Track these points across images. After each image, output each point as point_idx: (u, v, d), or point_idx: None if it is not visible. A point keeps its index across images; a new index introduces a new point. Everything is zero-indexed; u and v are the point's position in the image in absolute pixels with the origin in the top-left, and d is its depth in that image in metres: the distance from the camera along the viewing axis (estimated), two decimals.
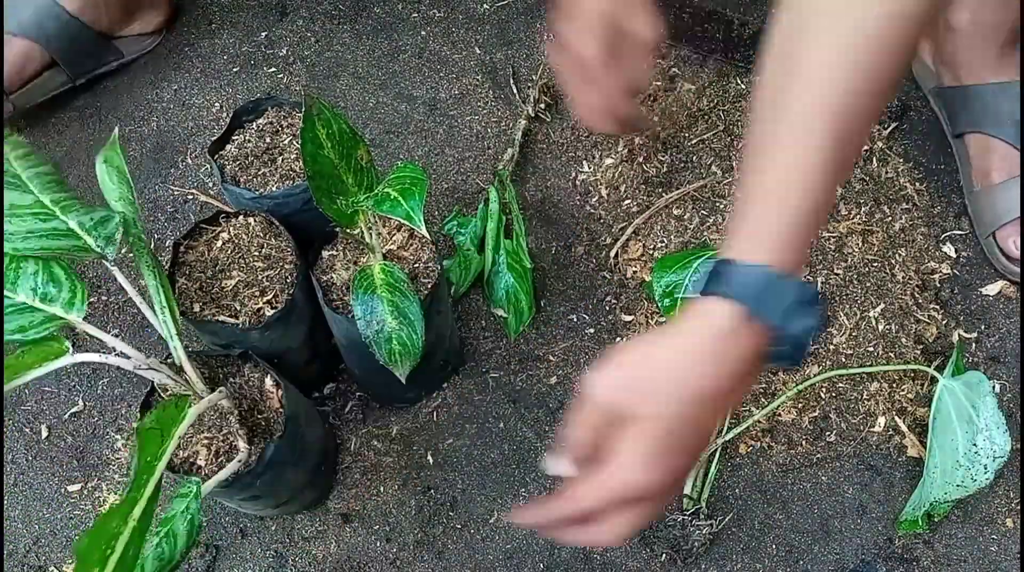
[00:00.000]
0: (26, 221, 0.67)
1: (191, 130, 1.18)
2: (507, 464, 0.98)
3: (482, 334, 1.04)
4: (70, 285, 0.68)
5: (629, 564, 0.93)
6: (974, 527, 0.94)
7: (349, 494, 0.97)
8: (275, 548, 0.95)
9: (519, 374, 1.02)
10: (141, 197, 1.14)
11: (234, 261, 0.85)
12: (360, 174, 0.72)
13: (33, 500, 0.98)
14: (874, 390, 0.98)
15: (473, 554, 0.94)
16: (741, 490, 0.96)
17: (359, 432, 1.00)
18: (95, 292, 1.08)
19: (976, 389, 0.88)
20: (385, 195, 0.66)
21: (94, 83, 1.22)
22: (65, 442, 1.01)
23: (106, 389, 1.03)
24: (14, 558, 0.96)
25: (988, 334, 1.02)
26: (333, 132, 0.69)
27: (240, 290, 0.84)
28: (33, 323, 0.66)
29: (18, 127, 1.19)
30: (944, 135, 1.12)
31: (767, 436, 0.98)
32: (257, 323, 0.82)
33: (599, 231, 1.08)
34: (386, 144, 1.16)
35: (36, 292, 0.67)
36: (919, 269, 1.04)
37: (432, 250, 0.84)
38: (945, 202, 1.09)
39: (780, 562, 0.93)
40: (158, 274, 0.71)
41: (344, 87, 1.20)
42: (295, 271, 0.84)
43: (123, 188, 0.73)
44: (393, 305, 0.75)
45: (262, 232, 0.87)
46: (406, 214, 0.65)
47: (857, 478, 0.96)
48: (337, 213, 0.71)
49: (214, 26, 1.26)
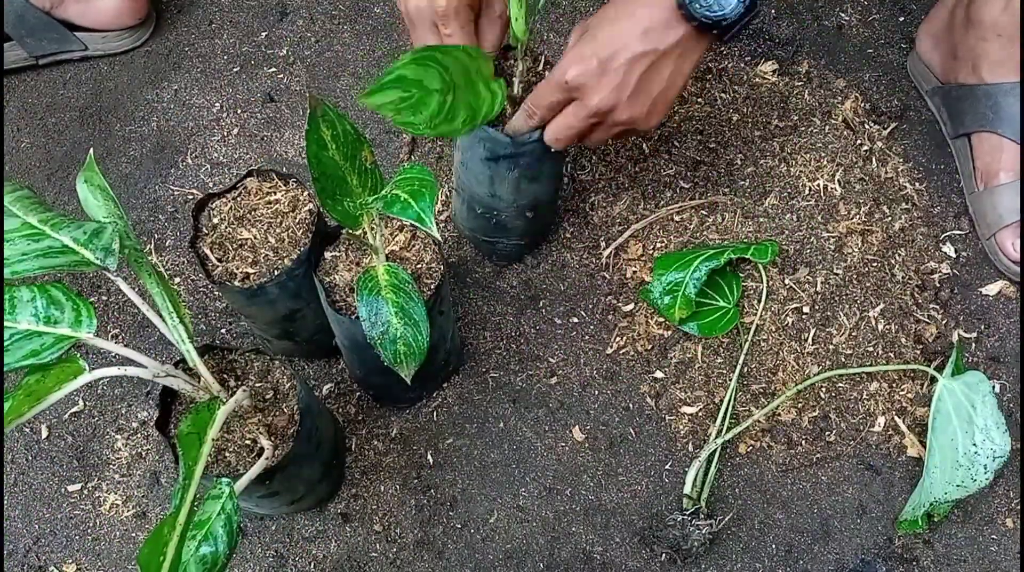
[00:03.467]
0: (17, 244, 0.66)
1: (191, 130, 1.18)
2: (507, 464, 0.98)
3: (482, 334, 1.04)
4: (72, 305, 0.68)
5: (629, 564, 0.93)
6: (974, 527, 0.94)
7: (349, 494, 0.97)
8: (275, 548, 0.95)
9: (519, 374, 1.02)
10: (141, 197, 1.14)
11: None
12: (365, 175, 0.72)
13: (33, 500, 0.98)
14: (874, 390, 0.99)
15: (473, 554, 0.94)
16: (741, 490, 0.96)
17: (359, 432, 1.00)
18: (95, 292, 1.08)
19: (976, 389, 0.88)
20: (395, 197, 0.66)
21: (94, 83, 1.22)
22: (65, 442, 1.01)
23: (106, 389, 1.03)
24: (14, 558, 0.96)
25: (988, 334, 1.03)
26: (338, 133, 0.69)
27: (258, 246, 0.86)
28: (44, 346, 0.66)
29: (18, 127, 1.19)
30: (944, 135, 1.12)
31: (767, 436, 0.98)
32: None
33: (599, 231, 1.08)
34: (386, 144, 1.16)
35: (39, 317, 0.67)
36: (919, 269, 1.05)
37: (435, 251, 0.84)
38: (945, 202, 1.10)
39: (780, 562, 0.93)
40: (161, 282, 0.71)
41: (344, 87, 1.20)
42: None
43: (109, 205, 0.72)
44: (398, 306, 0.75)
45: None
46: (417, 216, 0.65)
47: (857, 478, 0.96)
48: (342, 215, 0.71)
49: (214, 26, 1.26)
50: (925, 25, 1.14)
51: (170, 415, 0.80)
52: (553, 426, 1.00)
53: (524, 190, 0.92)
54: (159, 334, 1.04)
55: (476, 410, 1.01)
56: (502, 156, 0.87)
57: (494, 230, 1.00)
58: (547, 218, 1.05)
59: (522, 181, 0.90)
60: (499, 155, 0.87)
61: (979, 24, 1.01)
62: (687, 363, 1.00)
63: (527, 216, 0.97)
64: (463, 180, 0.95)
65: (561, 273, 1.07)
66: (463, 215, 1.02)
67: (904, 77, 1.18)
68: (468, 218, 1.01)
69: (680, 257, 1.00)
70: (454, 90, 0.75)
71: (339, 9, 1.26)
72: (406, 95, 0.72)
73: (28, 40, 1.19)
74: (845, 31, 1.21)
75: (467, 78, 0.77)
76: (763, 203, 1.07)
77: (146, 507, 0.97)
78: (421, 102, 0.73)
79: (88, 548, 0.96)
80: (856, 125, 1.12)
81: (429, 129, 0.74)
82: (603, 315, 1.04)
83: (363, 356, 0.89)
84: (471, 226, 1.02)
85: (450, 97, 0.75)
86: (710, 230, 1.05)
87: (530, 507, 0.96)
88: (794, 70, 1.17)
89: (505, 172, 0.89)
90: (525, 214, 0.96)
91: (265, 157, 1.16)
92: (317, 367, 1.04)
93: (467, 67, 0.77)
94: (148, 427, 1.01)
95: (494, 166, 0.88)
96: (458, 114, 0.75)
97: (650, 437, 0.99)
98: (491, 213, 0.96)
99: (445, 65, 0.75)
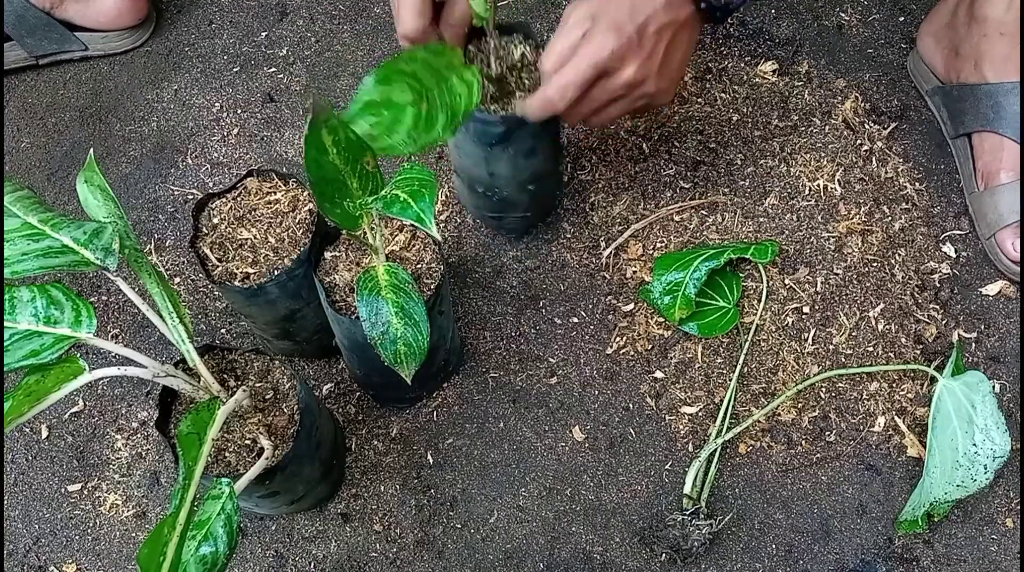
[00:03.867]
0: (17, 244, 0.66)
1: (191, 130, 1.18)
2: (507, 464, 0.98)
3: (482, 334, 1.04)
4: (72, 305, 0.68)
5: (629, 564, 0.93)
6: (974, 527, 0.94)
7: (349, 494, 0.97)
8: (275, 548, 0.95)
9: (519, 374, 1.02)
10: (141, 197, 1.14)
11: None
12: (366, 178, 0.71)
13: (33, 500, 0.98)
14: (874, 390, 0.99)
15: (473, 554, 0.94)
16: (741, 490, 0.96)
17: (359, 432, 1.00)
18: (95, 292, 1.08)
19: (976, 389, 0.88)
20: (394, 197, 0.65)
21: (94, 83, 1.22)
22: (65, 442, 1.01)
23: (106, 389, 1.03)
24: (14, 558, 0.96)
25: (988, 334, 1.03)
26: (340, 139, 0.68)
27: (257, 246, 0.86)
28: (44, 346, 0.66)
29: (18, 127, 1.19)
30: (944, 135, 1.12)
31: (767, 436, 0.98)
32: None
33: (599, 231, 1.08)
34: None
35: (38, 317, 0.67)
36: (919, 269, 1.05)
37: (435, 251, 0.84)
38: (945, 202, 1.10)
39: (780, 562, 0.93)
40: (161, 282, 0.71)
41: (344, 87, 1.20)
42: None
43: (109, 205, 0.73)
44: (398, 306, 0.75)
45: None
46: (417, 216, 0.65)
47: (857, 478, 0.96)
48: (342, 217, 0.71)
49: (214, 26, 1.26)
50: (926, 24, 1.14)
51: (170, 415, 0.80)
52: (553, 426, 1.00)
53: (522, 165, 0.91)
54: (159, 334, 1.04)
55: (476, 410, 1.01)
56: (495, 139, 0.86)
57: (497, 206, 1.00)
58: (551, 189, 1.04)
59: (518, 158, 0.89)
60: (491, 138, 0.86)
61: (983, 22, 1.01)
62: (687, 363, 1.00)
63: (529, 189, 0.96)
64: (460, 162, 0.95)
65: (561, 273, 1.07)
66: (465, 194, 1.02)
67: (904, 77, 1.18)
68: (470, 197, 1.01)
69: (680, 257, 1.00)
70: (426, 96, 0.74)
71: (339, 9, 1.26)
72: (376, 120, 0.71)
73: (28, 40, 1.19)
74: (845, 31, 1.21)
75: (438, 77, 0.75)
76: (763, 203, 1.07)
77: (146, 507, 0.97)
78: (395, 121, 0.72)
79: (88, 548, 0.96)
80: (856, 125, 1.12)
81: (411, 146, 0.72)
82: (603, 315, 1.04)
83: (363, 356, 0.89)
84: (474, 204, 1.02)
85: (424, 105, 0.73)
86: (710, 230, 1.05)
87: (530, 507, 0.96)
88: (794, 70, 1.17)
89: (500, 152, 0.88)
90: (527, 188, 0.96)
91: (265, 157, 1.16)
92: (317, 367, 1.04)
93: (435, 66, 0.75)
94: (148, 427, 1.01)
95: (488, 149, 0.88)
96: (436, 120, 0.73)
97: (650, 437, 0.99)
98: (492, 190, 0.96)
99: (410, 72, 0.73)
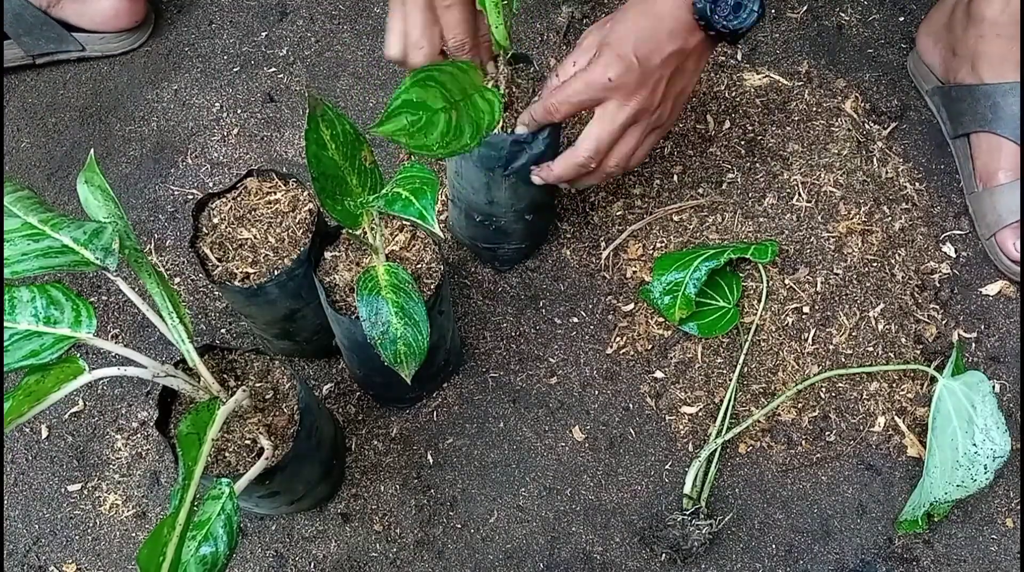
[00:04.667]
0: (17, 244, 0.66)
1: (191, 130, 1.18)
2: (507, 464, 0.98)
3: (482, 334, 1.04)
4: (72, 305, 0.68)
5: (629, 564, 0.93)
6: (974, 527, 0.94)
7: (349, 494, 0.97)
8: (275, 548, 0.95)
9: (519, 374, 1.02)
10: (141, 197, 1.14)
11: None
12: (364, 175, 0.72)
13: (33, 500, 0.98)
14: (874, 390, 0.99)
15: (473, 554, 0.94)
16: (741, 490, 0.96)
17: (359, 432, 1.00)
18: (95, 292, 1.08)
19: (976, 389, 0.88)
20: (396, 195, 0.66)
21: (94, 83, 1.22)
22: (65, 442, 1.01)
23: (106, 389, 1.03)
24: (14, 558, 0.96)
25: (988, 334, 1.03)
26: (337, 133, 0.69)
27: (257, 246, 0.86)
28: (44, 346, 0.66)
29: (18, 127, 1.19)
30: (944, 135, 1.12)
31: (767, 436, 0.98)
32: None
33: (598, 231, 1.08)
34: (386, 144, 1.16)
35: (38, 317, 0.67)
36: (919, 269, 1.05)
37: (435, 251, 0.84)
38: (945, 202, 1.10)
39: (780, 562, 0.93)
40: (161, 282, 0.71)
41: (344, 87, 1.20)
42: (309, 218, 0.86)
43: (109, 205, 0.73)
44: (398, 306, 0.75)
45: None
46: (419, 213, 0.65)
47: (857, 478, 0.96)
48: (342, 214, 0.71)
49: (214, 26, 1.26)
50: (925, 24, 1.14)
51: (170, 415, 0.80)
52: (553, 426, 1.00)
53: (522, 193, 0.92)
54: (159, 334, 1.04)
55: (476, 410, 1.01)
56: (498, 162, 0.87)
57: (494, 236, 1.00)
58: (547, 220, 1.05)
59: (519, 184, 0.90)
60: (495, 162, 0.87)
61: (979, 23, 1.01)
62: (687, 363, 1.00)
63: (526, 219, 0.97)
64: (458, 190, 0.95)
65: (561, 273, 1.07)
66: (461, 224, 1.02)
67: (904, 77, 1.18)
68: (467, 227, 1.01)
69: (680, 257, 1.00)
70: (456, 106, 0.76)
71: (339, 9, 1.26)
72: (415, 118, 0.73)
73: (25, 39, 1.19)
74: (845, 31, 1.21)
75: (464, 92, 0.78)
76: (763, 203, 1.07)
77: (146, 507, 0.97)
78: (430, 123, 0.74)
79: (88, 548, 0.96)
80: (856, 125, 1.12)
81: (442, 149, 0.75)
82: (603, 315, 1.04)
83: (363, 356, 0.89)
84: (470, 234, 1.02)
85: (454, 114, 0.76)
86: (710, 230, 1.05)
87: (530, 507, 0.96)
88: (794, 70, 1.17)
89: (501, 178, 0.89)
90: (524, 217, 0.96)
91: (265, 157, 1.16)
92: (317, 367, 1.04)
93: (462, 81, 0.78)
94: (148, 427, 1.01)
95: (490, 173, 0.89)
96: (464, 130, 0.76)
97: (650, 437, 0.99)
98: (490, 219, 0.96)
99: (442, 82, 0.76)
